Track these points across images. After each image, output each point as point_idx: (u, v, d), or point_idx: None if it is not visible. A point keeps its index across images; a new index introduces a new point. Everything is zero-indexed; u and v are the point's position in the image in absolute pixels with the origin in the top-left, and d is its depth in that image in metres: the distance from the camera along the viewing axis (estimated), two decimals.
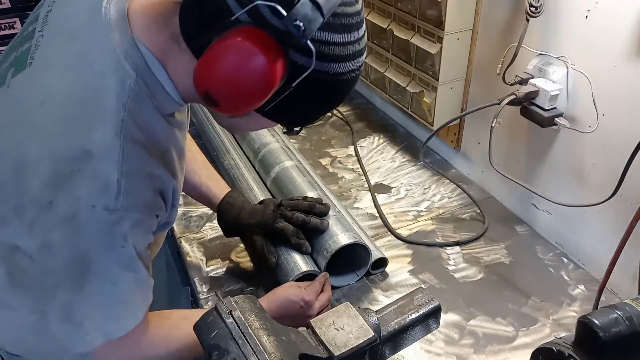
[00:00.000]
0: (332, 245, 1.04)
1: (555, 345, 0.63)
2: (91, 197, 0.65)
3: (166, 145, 0.75)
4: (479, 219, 1.27)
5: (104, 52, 0.67)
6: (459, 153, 1.43)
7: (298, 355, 0.63)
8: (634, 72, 0.91)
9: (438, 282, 1.11)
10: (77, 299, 0.70)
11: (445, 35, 1.22)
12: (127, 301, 0.73)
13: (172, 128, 0.76)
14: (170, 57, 0.69)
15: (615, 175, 0.92)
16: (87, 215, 0.65)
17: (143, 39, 0.68)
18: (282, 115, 0.71)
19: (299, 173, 1.24)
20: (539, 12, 1.03)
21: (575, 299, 1.07)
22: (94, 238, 0.67)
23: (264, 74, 0.60)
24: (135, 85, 0.67)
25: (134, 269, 0.72)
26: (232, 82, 0.61)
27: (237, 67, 0.60)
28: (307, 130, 1.64)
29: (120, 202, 0.66)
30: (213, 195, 1.10)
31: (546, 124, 1.06)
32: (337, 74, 0.66)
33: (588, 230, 1.10)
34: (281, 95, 0.65)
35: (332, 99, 0.71)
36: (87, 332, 0.71)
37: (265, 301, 0.95)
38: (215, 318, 0.64)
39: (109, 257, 0.69)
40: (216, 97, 0.62)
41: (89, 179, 0.64)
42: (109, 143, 0.65)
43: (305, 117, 0.74)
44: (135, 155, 0.68)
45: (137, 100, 0.68)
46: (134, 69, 0.67)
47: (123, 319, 0.74)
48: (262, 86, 0.61)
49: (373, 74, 1.54)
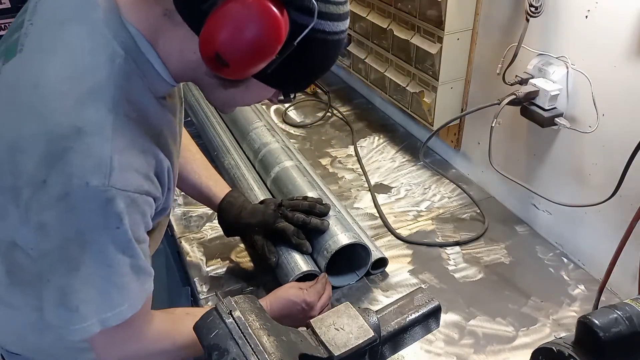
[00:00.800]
0: (332, 245, 1.04)
1: (555, 345, 0.63)
2: (84, 174, 0.64)
3: (159, 126, 0.74)
4: (479, 219, 1.27)
5: (93, 32, 0.67)
6: (459, 153, 1.43)
7: (298, 355, 0.63)
8: (634, 72, 0.91)
9: (438, 282, 1.11)
10: (72, 282, 0.69)
11: (445, 35, 1.22)
12: (124, 287, 0.72)
13: (165, 110, 0.76)
14: (162, 34, 0.69)
15: (615, 175, 0.92)
16: (80, 193, 0.64)
17: (131, 18, 0.68)
18: (280, 79, 0.72)
19: (299, 173, 1.24)
20: (539, 12, 1.03)
21: (575, 299, 1.07)
22: (88, 217, 0.66)
23: (272, 27, 0.61)
24: (125, 64, 0.67)
25: (130, 253, 0.70)
26: (242, 39, 0.62)
27: (246, 23, 0.61)
28: (307, 130, 1.64)
29: (114, 179, 0.65)
30: (213, 195, 1.10)
31: (546, 124, 1.06)
32: (332, 32, 0.69)
33: (588, 230, 1.10)
34: (283, 54, 0.66)
35: (327, 60, 0.73)
36: (83, 318, 0.70)
37: (267, 302, 0.95)
38: (215, 318, 0.64)
39: (103, 237, 0.68)
40: (226, 57, 0.63)
41: (81, 155, 0.64)
42: (101, 119, 0.65)
43: (301, 80, 0.75)
44: (128, 132, 0.67)
45: (128, 78, 0.68)
46: (123, 47, 0.67)
47: (119, 305, 0.72)
48: (270, 40, 0.62)
49: (373, 74, 1.54)
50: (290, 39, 0.64)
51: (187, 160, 1.10)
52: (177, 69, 0.72)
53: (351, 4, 1.54)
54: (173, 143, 0.80)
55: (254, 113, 1.48)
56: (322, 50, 0.71)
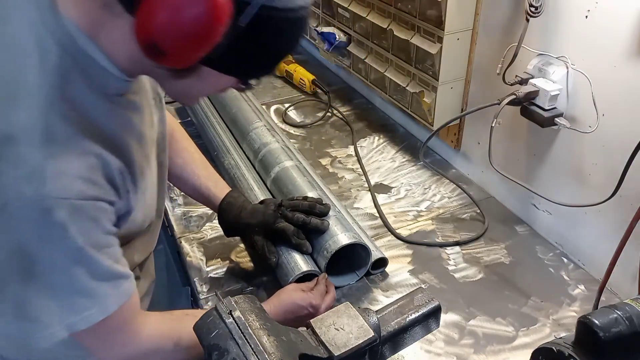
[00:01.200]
0: (332, 245, 1.04)
1: (555, 345, 0.63)
2: (18, 184, 0.60)
3: (109, 126, 0.69)
4: (479, 219, 1.27)
5: (29, 30, 0.64)
6: (459, 153, 1.43)
7: (298, 355, 0.63)
8: (634, 72, 0.91)
9: (438, 282, 1.11)
10: (27, 294, 0.66)
11: (445, 35, 1.22)
12: (89, 293, 0.68)
13: (119, 109, 0.72)
14: (102, 27, 0.65)
15: (615, 175, 0.92)
16: (16, 204, 0.61)
17: (69, 13, 0.64)
18: (234, 65, 0.67)
19: (299, 173, 1.24)
20: (539, 12, 1.03)
21: (575, 299, 1.07)
22: (29, 228, 0.62)
23: (210, 7, 0.56)
24: (61, 61, 0.64)
25: (85, 262, 0.66)
26: (177, 24, 0.57)
27: (180, 6, 0.56)
28: (307, 130, 1.64)
29: (49, 188, 0.61)
30: (213, 195, 1.10)
31: (546, 124, 1.06)
32: (286, 9, 0.63)
33: (588, 230, 1.10)
34: (231, 38, 0.61)
35: (285, 40, 0.68)
36: (47, 326, 0.67)
37: (270, 305, 0.94)
38: (215, 318, 0.64)
39: (50, 248, 0.64)
40: (163, 46, 0.58)
41: (12, 164, 0.61)
42: (32, 124, 0.61)
43: (258, 65, 0.70)
44: (64, 134, 0.63)
45: (65, 76, 0.64)
46: (59, 44, 0.64)
47: (86, 309, 0.68)
48: (209, 22, 0.58)
49: (373, 74, 1.54)
50: (236, 20, 0.59)
51: (186, 161, 1.09)
52: (125, 62, 0.68)
53: (351, 4, 1.54)
54: (137, 143, 0.75)
55: (254, 113, 1.48)
56: (276, 31, 0.65)
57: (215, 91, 0.76)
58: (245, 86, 0.74)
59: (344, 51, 1.66)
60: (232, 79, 0.71)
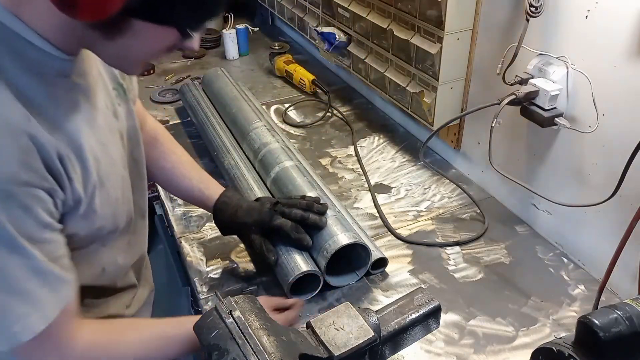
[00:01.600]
0: (332, 245, 1.04)
1: (555, 345, 0.63)
2: None
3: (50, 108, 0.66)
4: (479, 219, 1.27)
5: None
6: (459, 153, 1.43)
7: (298, 355, 0.63)
8: (634, 72, 0.91)
9: (438, 282, 1.11)
10: None
11: (445, 35, 1.22)
12: (28, 295, 0.64)
13: (61, 91, 0.68)
14: (24, 1, 0.62)
15: (615, 175, 0.92)
16: None
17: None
18: (165, 11, 0.62)
19: (299, 173, 1.24)
20: (539, 12, 1.03)
21: (575, 299, 1.07)
22: None
23: None
24: None
25: (21, 252, 0.62)
26: None
27: None
28: (307, 130, 1.64)
29: None
30: (207, 197, 1.07)
31: (546, 124, 1.06)
32: None
33: (588, 230, 1.10)
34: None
35: None
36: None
37: None
38: (215, 318, 0.64)
39: None
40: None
41: None
42: None
43: (193, 6, 0.64)
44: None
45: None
46: None
47: (25, 316, 0.65)
48: None
49: (373, 74, 1.54)
50: None
51: (174, 165, 1.07)
52: (57, 35, 0.64)
53: (351, 4, 1.54)
54: (88, 128, 0.72)
55: (254, 113, 1.48)
56: None
57: (155, 51, 0.69)
58: (187, 39, 0.67)
59: (344, 51, 1.66)
60: (171, 32, 0.65)
